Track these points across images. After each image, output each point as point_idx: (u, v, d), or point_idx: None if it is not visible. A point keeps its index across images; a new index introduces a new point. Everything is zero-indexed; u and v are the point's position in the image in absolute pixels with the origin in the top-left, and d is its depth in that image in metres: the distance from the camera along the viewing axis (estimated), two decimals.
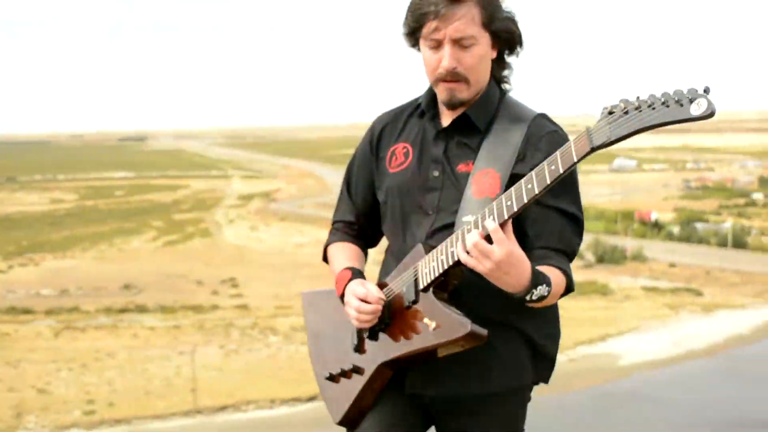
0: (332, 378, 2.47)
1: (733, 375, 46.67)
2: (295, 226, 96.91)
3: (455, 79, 2.25)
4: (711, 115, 1.78)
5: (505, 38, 2.29)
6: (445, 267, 2.18)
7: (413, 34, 2.28)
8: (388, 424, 2.35)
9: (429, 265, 2.22)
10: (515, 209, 2.03)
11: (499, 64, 2.35)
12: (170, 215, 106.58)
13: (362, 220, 2.57)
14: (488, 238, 2.06)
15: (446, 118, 2.37)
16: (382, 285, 2.36)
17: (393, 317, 2.30)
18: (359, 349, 2.39)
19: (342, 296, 2.38)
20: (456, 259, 2.13)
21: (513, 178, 2.20)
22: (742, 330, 56.00)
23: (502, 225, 2.06)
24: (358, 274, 2.40)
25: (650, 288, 66.36)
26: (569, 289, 2.23)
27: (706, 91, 1.79)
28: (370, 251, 2.69)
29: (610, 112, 1.89)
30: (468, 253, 2.07)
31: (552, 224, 2.25)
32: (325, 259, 2.62)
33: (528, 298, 2.10)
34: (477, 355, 2.23)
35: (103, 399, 39.14)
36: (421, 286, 2.24)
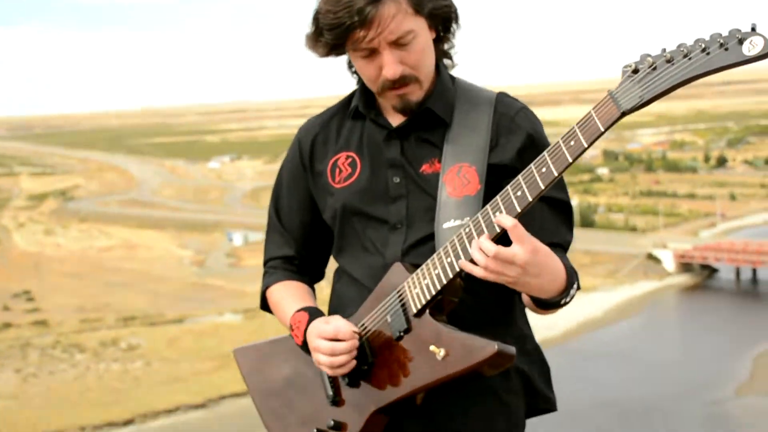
0: None
1: (589, 359, 49.15)
2: (98, 227, 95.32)
3: (404, 83, 2.11)
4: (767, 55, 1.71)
5: (441, 16, 2.15)
6: (444, 282, 2.01)
7: (335, 50, 2.12)
8: None
9: (419, 285, 2.05)
10: (530, 199, 1.89)
11: (438, 44, 2.21)
12: None
13: (303, 251, 2.38)
14: (500, 240, 1.92)
15: (393, 117, 2.22)
16: None
17: (377, 355, 2.12)
18: (337, 401, 2.19)
19: (303, 344, 2.19)
20: (457, 270, 1.98)
21: (491, 170, 2.12)
22: (595, 313, 59.04)
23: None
24: (316, 313, 2.21)
25: None
26: (578, 288, 2.11)
27: (754, 29, 1.72)
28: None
29: (635, 71, 1.79)
30: (484, 266, 1.91)
31: (545, 216, 2.14)
32: (265, 306, 2.42)
33: (564, 300, 2.00)
34: (475, 394, 2.12)
35: None
36: (413, 311, 2.06)
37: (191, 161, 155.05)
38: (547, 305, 2.01)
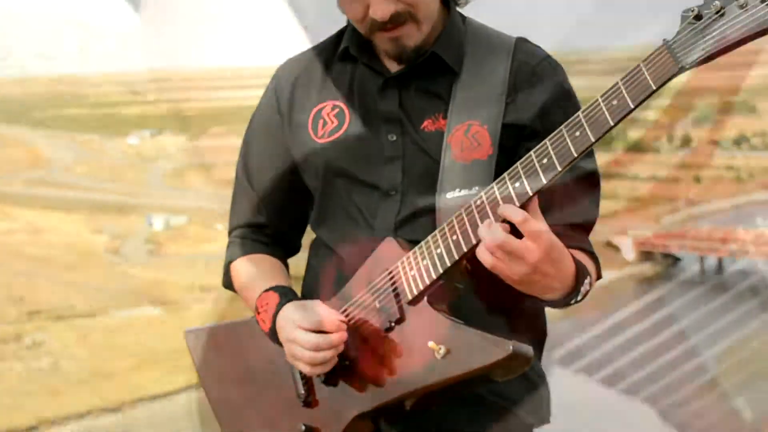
0: None
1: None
2: None
3: (398, 23, 1.92)
4: None
5: None
6: (447, 265, 1.83)
7: None
8: None
9: (416, 266, 1.88)
10: (559, 168, 1.72)
11: None
12: None
13: (276, 219, 2.20)
14: (512, 228, 1.77)
15: (392, 62, 2.03)
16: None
17: (360, 348, 1.95)
18: (310, 401, 2.03)
19: (271, 331, 2.01)
20: (465, 250, 1.81)
21: (506, 131, 1.95)
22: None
23: (526, 205, 1.76)
24: (288, 294, 2.03)
25: None
26: (599, 277, 1.99)
27: None
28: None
29: (697, 16, 1.61)
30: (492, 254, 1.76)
31: (569, 189, 1.97)
32: (228, 284, 2.24)
33: (575, 300, 1.85)
34: (480, 398, 2.00)
35: None
36: (408, 297, 1.89)
37: (107, 136, 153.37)
38: (552, 305, 1.87)
